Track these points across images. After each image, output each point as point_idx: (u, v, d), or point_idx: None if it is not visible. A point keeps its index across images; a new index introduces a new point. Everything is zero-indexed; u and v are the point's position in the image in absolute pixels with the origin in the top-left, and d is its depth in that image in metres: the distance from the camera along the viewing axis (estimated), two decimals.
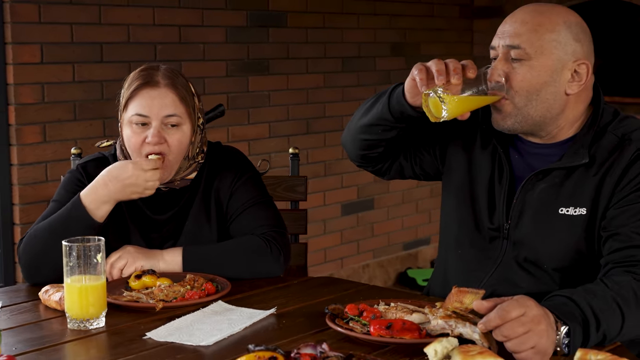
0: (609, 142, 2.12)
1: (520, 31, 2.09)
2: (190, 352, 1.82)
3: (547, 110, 2.12)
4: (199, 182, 2.46)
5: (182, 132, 2.36)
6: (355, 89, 5.55)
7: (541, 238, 2.14)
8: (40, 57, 3.98)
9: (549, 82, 2.10)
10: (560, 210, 2.12)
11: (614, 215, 2.05)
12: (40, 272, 2.30)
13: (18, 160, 3.94)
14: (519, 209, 2.17)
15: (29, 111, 3.96)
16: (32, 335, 1.96)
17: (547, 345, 1.73)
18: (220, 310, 2.10)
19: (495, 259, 2.21)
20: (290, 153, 3.07)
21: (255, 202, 2.45)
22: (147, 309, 2.10)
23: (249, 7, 4.87)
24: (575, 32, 2.11)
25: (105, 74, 4.23)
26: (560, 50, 2.09)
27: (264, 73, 4.99)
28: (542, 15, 2.11)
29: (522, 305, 1.73)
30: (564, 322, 1.77)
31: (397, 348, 1.82)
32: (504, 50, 2.11)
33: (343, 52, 5.44)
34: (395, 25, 5.77)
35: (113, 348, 1.87)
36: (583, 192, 2.10)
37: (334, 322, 1.93)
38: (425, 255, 6.20)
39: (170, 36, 4.49)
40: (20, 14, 3.89)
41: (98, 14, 4.18)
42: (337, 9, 5.37)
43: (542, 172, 2.15)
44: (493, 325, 1.73)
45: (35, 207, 4.02)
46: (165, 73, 2.37)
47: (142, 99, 2.33)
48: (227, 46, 4.77)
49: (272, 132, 5.08)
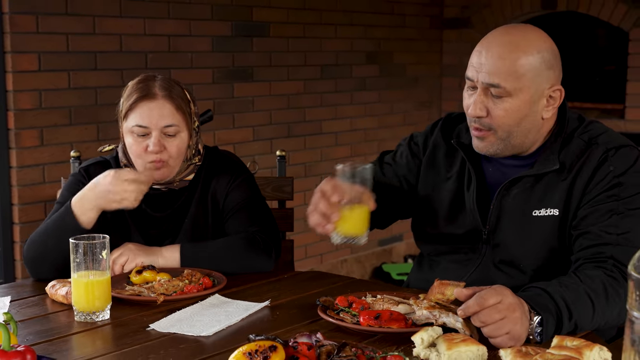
0: (577, 147, 2.12)
1: (498, 69, 2.03)
2: (192, 342, 1.84)
3: (525, 137, 2.12)
4: (196, 183, 2.48)
5: (180, 139, 2.38)
6: (333, 95, 5.58)
7: (519, 240, 2.15)
8: (38, 65, 3.97)
9: (528, 114, 2.07)
10: (534, 213, 2.12)
11: (584, 215, 2.06)
12: (41, 270, 2.31)
13: (17, 162, 3.93)
14: (496, 215, 2.17)
15: (27, 116, 3.95)
16: (41, 327, 1.96)
17: (520, 332, 1.75)
18: (218, 303, 2.12)
19: (475, 261, 2.22)
20: (277, 155, 3.09)
21: (248, 202, 2.47)
22: (149, 302, 2.11)
23: (234, 18, 4.88)
24: (548, 59, 2.07)
25: (99, 81, 4.23)
26: (537, 83, 2.06)
27: (248, 80, 5.00)
28: (518, 49, 2.04)
29: (499, 293, 1.75)
30: (537, 312, 1.79)
31: (385, 337, 1.84)
32: (483, 86, 2.06)
33: (322, 60, 5.47)
34: (370, 35, 5.80)
35: (119, 339, 1.88)
36: (554, 194, 2.11)
37: (326, 313, 1.95)
38: (399, 250, 6.24)
39: (160, 45, 4.49)
40: (19, 25, 3.88)
41: (92, 24, 4.17)
42: (316, 20, 5.39)
43: (515, 179, 2.15)
44: (471, 312, 1.75)
45: (33, 207, 4.01)
46: (162, 84, 2.38)
47: (142, 110, 2.34)
48: (214, 55, 4.78)
49: (256, 135, 5.09)
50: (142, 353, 1.77)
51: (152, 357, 1.75)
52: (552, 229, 2.11)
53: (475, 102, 2.08)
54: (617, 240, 2.00)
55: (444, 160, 2.31)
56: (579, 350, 1.55)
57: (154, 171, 2.36)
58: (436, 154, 2.33)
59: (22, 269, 4.00)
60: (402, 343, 1.79)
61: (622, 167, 2.07)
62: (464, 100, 2.15)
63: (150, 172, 2.33)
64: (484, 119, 2.08)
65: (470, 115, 2.10)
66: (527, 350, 1.63)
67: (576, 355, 1.52)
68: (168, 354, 1.76)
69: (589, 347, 1.57)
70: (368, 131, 5.89)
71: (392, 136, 6.05)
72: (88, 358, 1.75)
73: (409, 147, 2.41)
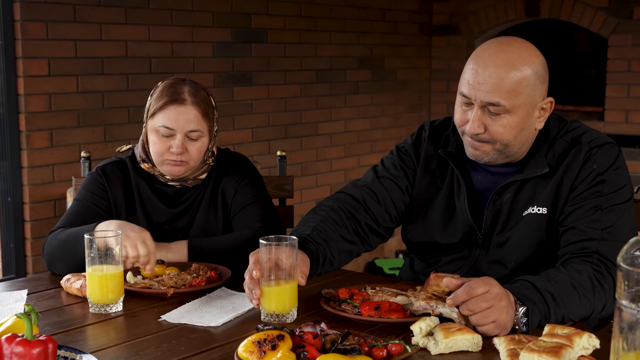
0: (561, 148, 2.12)
1: (498, 88, 2.00)
2: (202, 332, 1.85)
3: (520, 147, 2.11)
4: (208, 181, 2.49)
5: (201, 143, 2.40)
6: (327, 98, 5.60)
7: (511, 240, 2.14)
8: (48, 70, 3.98)
9: (524, 127, 2.06)
10: (524, 212, 2.12)
11: (570, 212, 2.06)
12: (56, 268, 2.32)
13: (28, 163, 3.94)
14: (490, 219, 2.16)
15: (37, 119, 3.96)
16: (58, 318, 1.97)
17: (506, 320, 1.77)
18: (224, 295, 2.13)
19: (468, 263, 2.20)
20: (278, 155, 3.10)
21: (255, 200, 2.48)
22: (159, 295, 2.12)
23: (234, 25, 4.89)
24: (541, 74, 2.05)
25: (106, 85, 4.24)
26: (532, 97, 2.04)
27: (247, 84, 5.01)
28: (515, 67, 2.01)
29: (486, 283, 1.77)
30: (522, 303, 1.80)
31: (385, 327, 1.86)
32: (482, 104, 2.03)
33: (317, 65, 5.48)
34: (363, 41, 5.82)
35: (132, 329, 1.89)
36: (543, 193, 2.10)
37: (328, 304, 1.96)
38: (390, 246, 6.26)
39: (164, 51, 4.50)
40: (29, 32, 3.89)
41: (99, 31, 4.18)
42: (312, 27, 5.41)
43: (506, 184, 2.13)
44: (460, 300, 1.77)
45: (43, 205, 4.01)
46: (191, 90, 2.39)
47: (170, 112, 2.35)
48: (214, 60, 4.79)
49: (254, 137, 5.10)
50: (155, 342, 1.78)
51: (165, 346, 1.76)
52: (541, 226, 2.11)
53: (474, 120, 2.05)
54: (601, 235, 2.00)
55: (437, 171, 2.27)
56: (569, 338, 1.57)
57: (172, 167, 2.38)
58: (429, 164, 2.28)
59: (33, 264, 4.00)
60: (402, 332, 1.81)
61: (604, 165, 2.08)
62: (457, 113, 2.12)
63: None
64: (482, 134, 2.06)
65: (469, 132, 2.07)
66: (519, 338, 1.65)
67: (567, 342, 1.54)
68: (180, 343, 1.77)
69: (579, 334, 1.59)
70: (361, 132, 5.91)
71: (384, 137, 6.07)
72: (104, 347, 1.76)
73: (400, 159, 2.32)
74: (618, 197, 2.06)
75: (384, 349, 1.60)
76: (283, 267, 1.88)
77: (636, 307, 1.25)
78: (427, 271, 2.23)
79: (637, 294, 1.26)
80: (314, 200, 5.53)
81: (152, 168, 2.45)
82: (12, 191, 3.93)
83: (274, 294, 1.88)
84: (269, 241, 1.88)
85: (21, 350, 1.44)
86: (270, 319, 1.89)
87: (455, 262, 2.22)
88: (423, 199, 2.28)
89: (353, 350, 1.58)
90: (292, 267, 1.89)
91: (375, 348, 1.61)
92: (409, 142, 2.34)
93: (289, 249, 1.89)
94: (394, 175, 2.30)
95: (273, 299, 1.88)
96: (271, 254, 1.88)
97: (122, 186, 2.46)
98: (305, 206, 5.43)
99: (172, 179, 2.44)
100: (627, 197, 2.08)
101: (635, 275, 1.26)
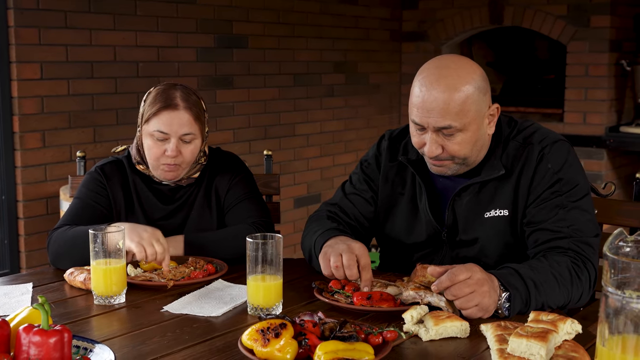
0: (514, 150, 2.11)
1: (446, 112, 1.99)
2: (203, 322, 1.85)
3: (477, 155, 2.11)
4: (202, 179, 2.49)
5: (194, 145, 2.39)
6: (304, 101, 5.60)
7: (480, 241, 2.13)
8: (40, 74, 3.93)
9: (478, 138, 2.06)
10: (486, 215, 2.11)
11: (534, 213, 2.05)
12: (62, 264, 2.30)
13: (21, 163, 3.90)
14: (451, 219, 2.15)
15: (30, 121, 3.91)
16: (64, 310, 1.96)
17: (489, 304, 1.79)
18: (222, 287, 2.13)
19: (438, 261, 2.20)
20: (265, 154, 3.10)
21: (247, 197, 2.48)
22: (160, 287, 2.11)
23: (216, 31, 4.87)
24: (482, 86, 2.04)
25: (95, 88, 4.20)
26: (479, 110, 2.04)
27: (229, 87, 5.00)
28: (457, 89, 1.99)
29: (468, 270, 1.79)
30: (506, 289, 1.83)
31: (377, 315, 1.87)
32: (435, 129, 2.02)
33: (294, 69, 5.48)
34: (338, 47, 5.82)
35: (136, 319, 1.88)
36: (502, 195, 2.10)
37: (321, 294, 1.97)
38: None
39: (150, 56, 4.47)
40: (23, 37, 3.85)
41: (89, 36, 4.15)
42: (289, 33, 5.41)
43: (465, 187, 2.13)
44: (444, 286, 1.79)
45: (36, 203, 3.97)
46: (182, 95, 2.37)
47: (164, 118, 2.34)
48: (198, 64, 4.77)
49: (236, 137, 5.09)
50: (160, 332, 1.78)
51: (170, 335, 1.76)
52: (505, 227, 2.10)
53: (430, 143, 2.04)
54: (569, 232, 2.00)
55: (397, 178, 2.27)
56: (553, 323, 1.59)
57: (166, 173, 2.38)
58: (388, 173, 2.29)
59: (26, 260, 3.96)
60: (392, 320, 1.82)
61: (558, 163, 2.07)
62: (413, 137, 2.10)
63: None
64: (440, 154, 2.06)
65: (429, 155, 2.07)
66: (505, 324, 1.67)
67: (552, 328, 1.57)
68: (184, 332, 1.77)
69: (563, 320, 1.61)
70: (335, 133, 5.92)
71: (357, 137, 6.09)
72: (111, 337, 1.75)
73: (364, 172, 2.34)
74: (576, 193, 2.05)
75: (379, 335, 1.62)
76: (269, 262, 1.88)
77: (621, 294, 1.28)
78: (401, 268, 2.27)
79: (622, 281, 1.28)
80: (291, 197, 5.53)
81: (147, 170, 2.44)
82: (6, 190, 3.89)
83: (261, 289, 1.88)
84: (256, 239, 1.89)
85: (39, 339, 1.43)
86: (256, 312, 1.89)
87: (424, 260, 2.21)
88: (387, 207, 2.29)
89: (351, 337, 1.59)
90: (277, 261, 1.89)
91: (371, 335, 1.62)
92: (370, 155, 2.36)
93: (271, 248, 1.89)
94: (360, 189, 2.33)
95: (260, 294, 1.88)
96: (258, 251, 1.88)
97: (120, 184, 2.45)
98: (284, 203, 5.43)
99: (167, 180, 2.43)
100: (585, 192, 2.08)
101: (620, 263, 1.28)
